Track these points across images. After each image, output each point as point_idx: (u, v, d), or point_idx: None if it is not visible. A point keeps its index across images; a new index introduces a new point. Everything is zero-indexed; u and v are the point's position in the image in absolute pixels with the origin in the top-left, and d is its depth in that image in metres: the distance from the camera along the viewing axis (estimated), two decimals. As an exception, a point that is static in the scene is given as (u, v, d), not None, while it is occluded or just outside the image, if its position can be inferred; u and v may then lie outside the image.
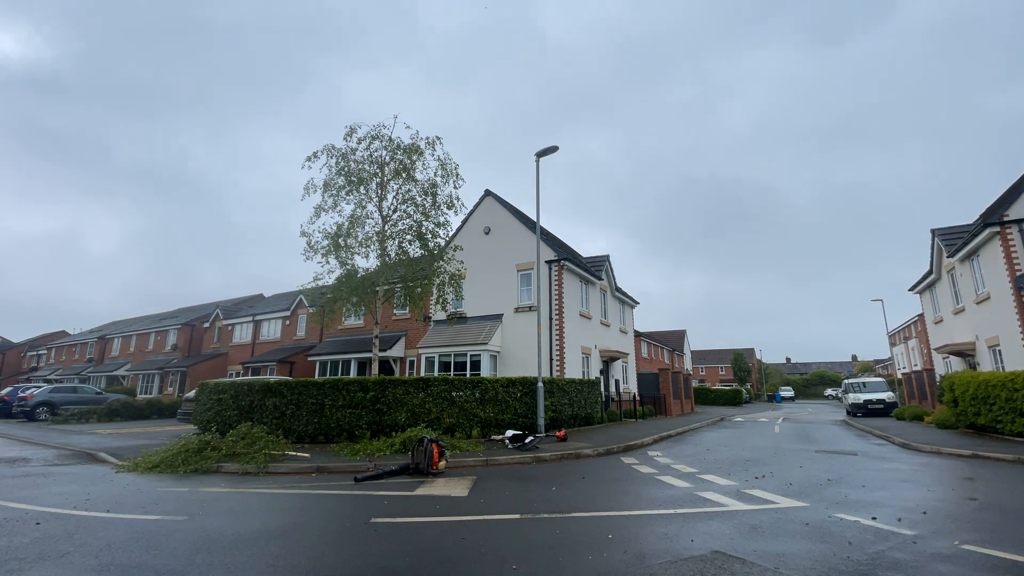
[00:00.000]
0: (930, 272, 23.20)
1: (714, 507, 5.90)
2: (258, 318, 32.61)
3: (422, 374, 19.62)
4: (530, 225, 20.20)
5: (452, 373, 19.13)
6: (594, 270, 23.64)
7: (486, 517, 5.57)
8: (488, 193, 22.41)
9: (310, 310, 28.85)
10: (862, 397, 25.21)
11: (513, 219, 21.31)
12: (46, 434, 15.64)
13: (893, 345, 46.18)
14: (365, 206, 14.39)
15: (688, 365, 61.42)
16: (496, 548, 4.48)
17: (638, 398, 23.69)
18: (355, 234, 14.26)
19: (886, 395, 25.26)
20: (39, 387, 24.69)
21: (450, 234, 18.08)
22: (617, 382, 25.12)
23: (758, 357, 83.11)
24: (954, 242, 19.71)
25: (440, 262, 15.01)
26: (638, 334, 34.98)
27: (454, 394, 12.59)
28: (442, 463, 8.42)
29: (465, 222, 22.27)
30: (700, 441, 14.04)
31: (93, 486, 7.47)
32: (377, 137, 14.41)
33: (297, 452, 10.38)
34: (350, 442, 11.34)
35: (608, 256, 25.40)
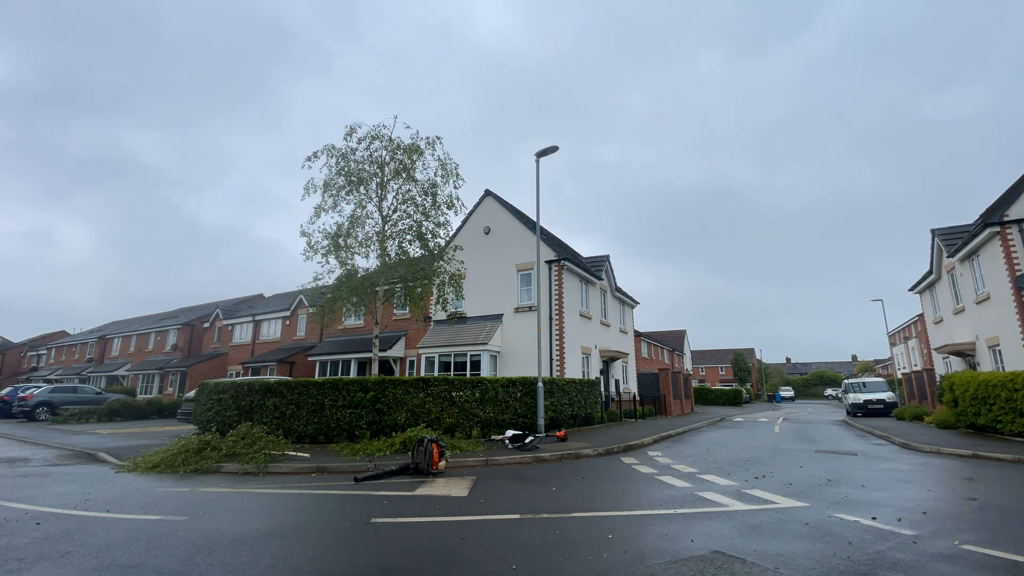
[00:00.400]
0: (930, 272, 23.20)
1: (714, 507, 5.90)
2: (258, 318, 32.62)
3: (422, 374, 19.62)
4: (530, 225, 20.20)
5: (452, 373, 19.13)
6: (594, 270, 23.65)
7: (486, 517, 5.57)
8: (488, 193, 22.42)
9: (310, 310, 28.86)
10: (862, 397, 25.12)
11: (513, 219, 21.31)
12: (46, 434, 15.64)
13: (893, 345, 46.19)
14: (365, 206, 14.41)
15: (688, 365, 61.43)
16: (496, 548, 4.49)
17: (638, 398, 23.69)
18: (355, 234, 14.27)
19: (886, 395, 25.18)
20: (39, 387, 24.69)
21: (450, 234, 18.09)
22: (617, 382, 25.12)
23: (758, 357, 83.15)
24: (954, 242, 19.72)
25: (440, 262, 15.02)
26: (638, 334, 34.98)
27: (454, 394, 12.59)
28: (442, 463, 8.42)
29: (465, 222, 22.27)
30: (700, 441, 14.04)
31: (93, 486, 7.46)
32: (377, 137, 14.42)
33: (297, 452, 10.38)
34: (350, 442, 11.34)
35: (608, 256, 25.41)
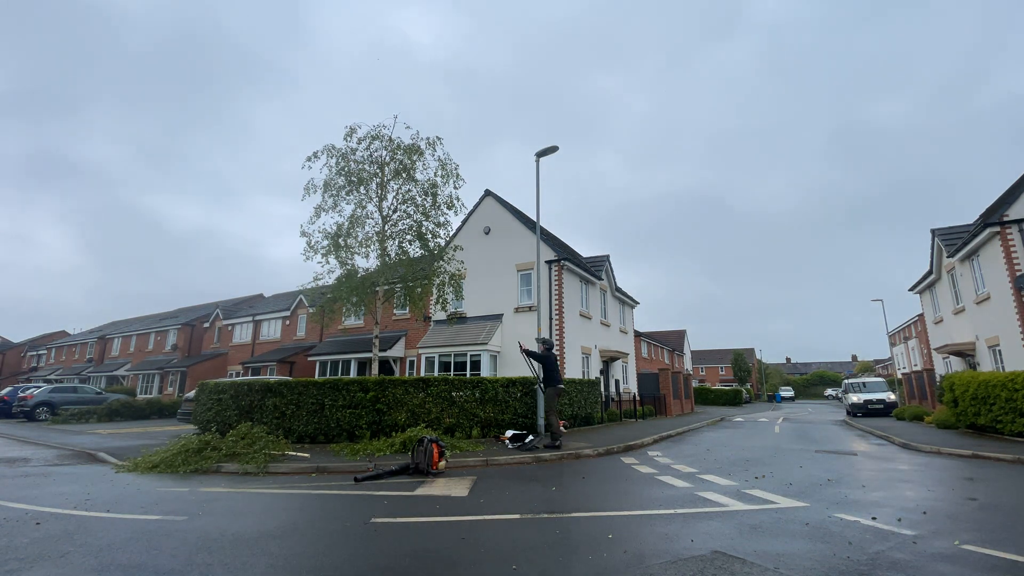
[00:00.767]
0: (930, 272, 23.21)
1: (714, 507, 5.90)
2: (258, 318, 32.62)
3: (422, 374, 19.63)
4: (530, 225, 20.20)
5: (452, 373, 19.13)
6: (594, 270, 23.65)
7: (486, 517, 5.57)
8: (488, 193, 22.43)
9: (310, 310, 28.85)
10: (862, 397, 25.04)
11: (513, 219, 21.32)
12: (46, 434, 15.64)
13: (893, 345, 46.21)
14: (365, 206, 14.41)
15: (688, 365, 61.44)
16: (496, 548, 4.49)
17: (638, 398, 23.70)
18: (355, 234, 14.28)
19: (886, 395, 25.13)
20: (39, 387, 24.70)
21: (450, 234, 18.09)
22: (617, 382, 25.13)
23: (758, 357, 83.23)
24: (954, 242, 19.72)
25: (440, 262, 15.02)
26: (638, 334, 34.99)
27: (454, 394, 12.59)
28: (442, 463, 8.42)
29: (465, 222, 22.28)
30: (700, 441, 14.04)
31: (93, 486, 7.46)
32: (377, 137, 14.42)
33: (297, 452, 10.38)
34: (350, 442, 11.33)
35: (608, 256, 25.41)
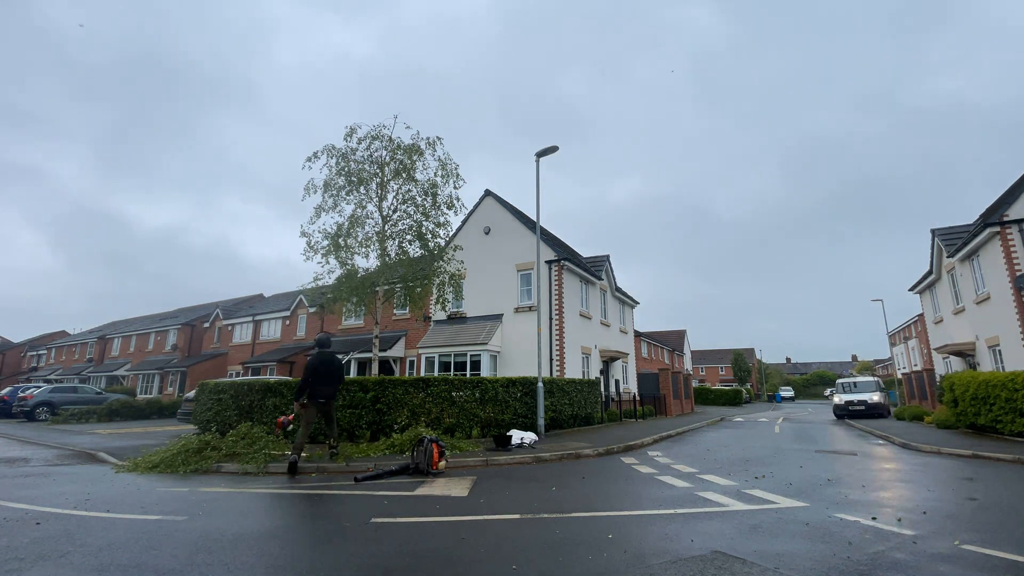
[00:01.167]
0: (930, 272, 23.21)
1: (714, 507, 5.90)
2: (258, 318, 32.63)
3: (422, 374, 19.62)
4: (530, 225, 20.20)
5: (452, 373, 19.13)
6: (594, 270, 23.65)
7: (486, 517, 5.57)
8: (488, 193, 22.43)
9: (310, 310, 28.88)
10: (844, 398, 22.76)
11: (513, 219, 21.32)
12: (46, 434, 15.64)
13: (893, 345, 46.21)
14: (365, 206, 14.40)
15: (688, 365, 61.45)
16: (496, 548, 4.48)
17: (638, 398, 23.69)
18: (355, 234, 14.26)
19: (869, 396, 22.54)
20: (39, 387, 24.71)
21: (450, 234, 18.08)
22: (617, 382, 25.13)
23: (758, 357, 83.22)
24: (954, 242, 19.72)
25: (440, 262, 15.01)
26: (638, 334, 34.99)
27: (454, 394, 12.59)
28: (442, 463, 8.42)
29: (465, 222, 22.28)
30: (700, 441, 14.04)
31: (93, 486, 7.46)
32: (377, 137, 14.41)
33: (297, 452, 10.36)
34: (350, 442, 11.32)
35: (608, 256, 25.40)
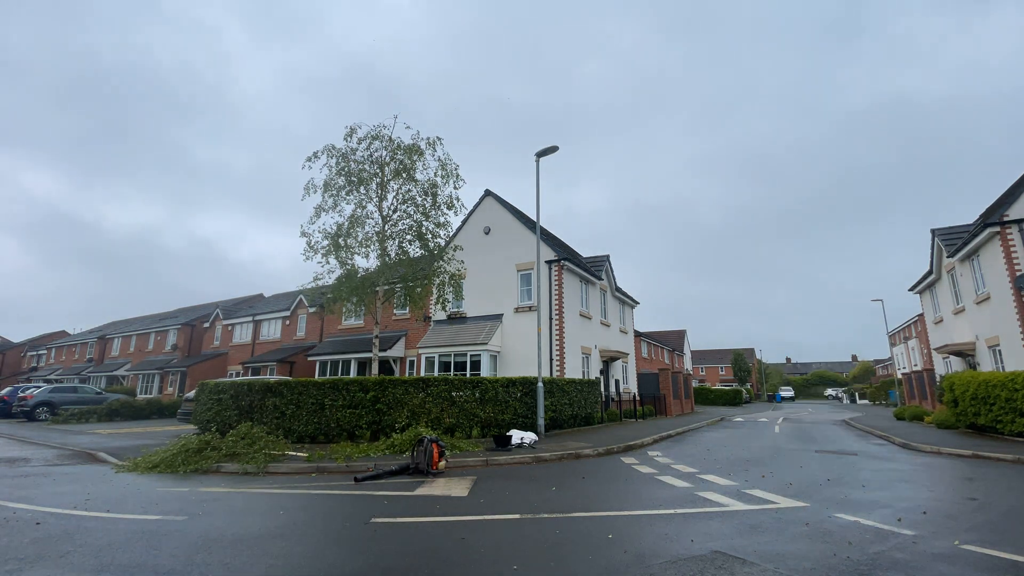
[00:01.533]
0: (930, 272, 23.20)
1: (714, 507, 5.90)
2: (258, 318, 32.62)
3: (422, 374, 19.61)
4: (530, 225, 20.20)
5: (452, 373, 19.12)
6: (594, 270, 23.64)
7: (486, 517, 5.57)
8: (488, 193, 22.42)
9: (310, 310, 28.87)
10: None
11: (513, 219, 21.30)
12: (46, 434, 15.64)
13: (893, 345, 46.20)
14: (365, 206, 14.40)
15: (688, 365, 61.44)
16: (496, 548, 4.49)
17: (638, 398, 23.69)
18: (355, 234, 14.26)
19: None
20: (39, 387, 24.70)
21: (450, 234, 18.08)
22: (617, 382, 25.12)
23: (758, 357, 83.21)
24: (954, 242, 19.71)
25: (440, 262, 15.01)
26: (638, 334, 34.98)
27: (454, 394, 12.59)
28: (442, 463, 8.42)
29: (465, 222, 22.27)
30: (700, 441, 14.04)
31: (93, 486, 7.46)
32: (377, 137, 14.41)
33: (297, 452, 10.38)
34: (350, 442, 11.34)
35: (608, 256, 25.38)
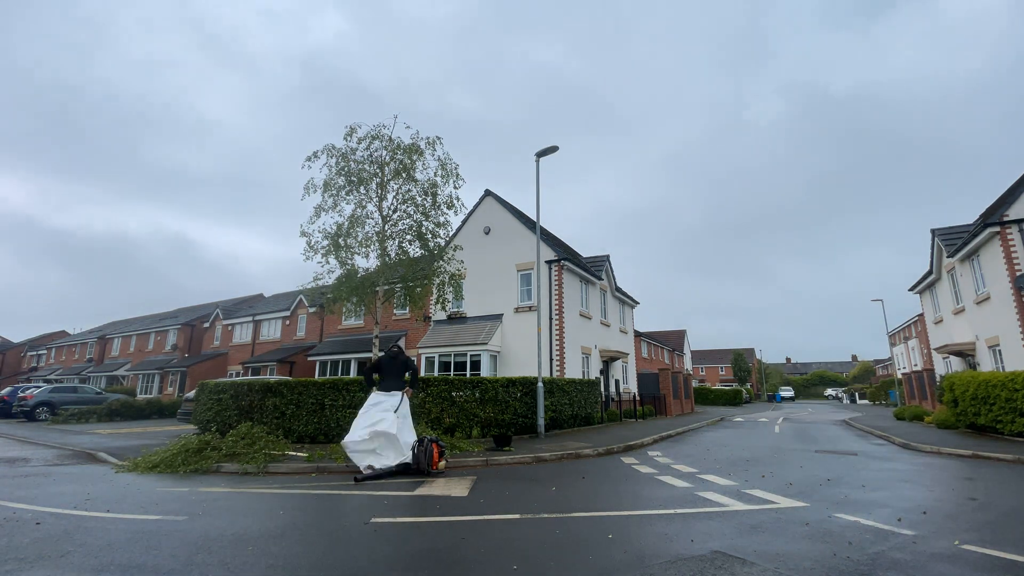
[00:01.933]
0: (930, 272, 23.21)
1: (714, 507, 5.90)
2: (258, 318, 32.63)
3: (422, 374, 19.62)
4: (530, 225, 20.20)
5: (452, 373, 19.13)
6: (594, 270, 23.65)
7: (486, 517, 5.57)
8: (488, 193, 22.43)
9: (310, 310, 28.88)
10: None
11: (513, 219, 21.31)
12: (46, 434, 15.63)
13: (893, 345, 46.20)
14: (365, 206, 14.38)
15: (688, 365, 61.45)
16: (496, 548, 4.49)
17: (638, 398, 23.69)
18: (355, 234, 14.24)
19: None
20: (39, 387, 24.69)
21: (450, 234, 18.07)
22: (617, 382, 25.13)
23: (758, 357, 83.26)
24: (954, 242, 19.72)
25: (440, 262, 15.00)
26: (638, 334, 34.98)
27: (454, 394, 12.59)
28: (442, 463, 8.42)
29: (465, 222, 22.27)
30: (700, 441, 14.04)
31: (93, 486, 7.46)
32: (377, 137, 14.39)
33: (297, 452, 10.37)
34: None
35: (608, 256, 25.39)
